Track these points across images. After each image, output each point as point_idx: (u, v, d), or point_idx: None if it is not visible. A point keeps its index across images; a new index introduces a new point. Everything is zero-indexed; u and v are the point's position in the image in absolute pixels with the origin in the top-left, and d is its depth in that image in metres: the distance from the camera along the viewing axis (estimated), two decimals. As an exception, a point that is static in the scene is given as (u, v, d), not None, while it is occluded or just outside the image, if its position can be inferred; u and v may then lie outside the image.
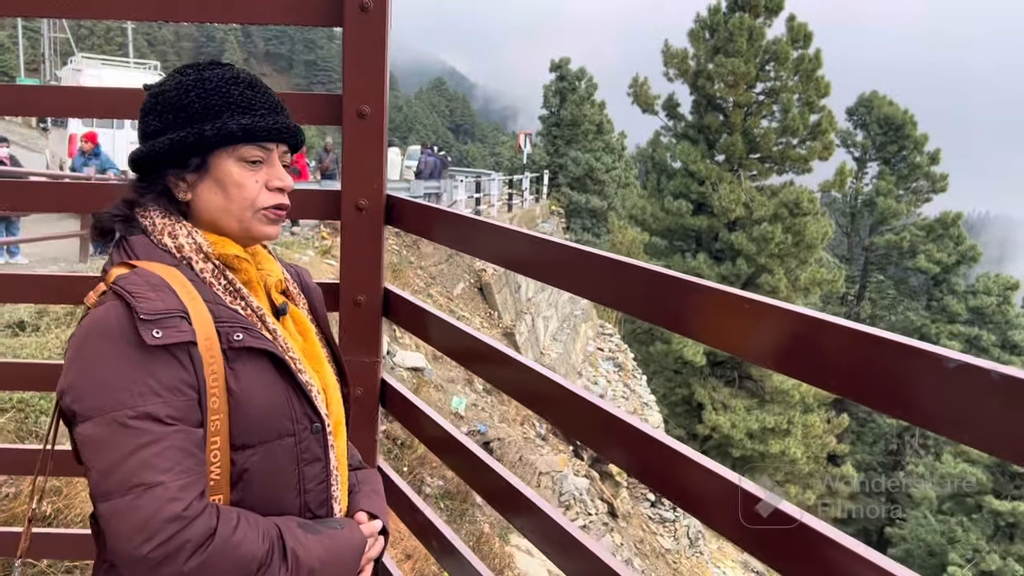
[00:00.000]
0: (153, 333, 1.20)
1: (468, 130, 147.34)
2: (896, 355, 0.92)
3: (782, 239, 26.26)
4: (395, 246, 14.29)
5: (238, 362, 1.29)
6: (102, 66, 21.83)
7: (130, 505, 1.14)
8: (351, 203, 2.08)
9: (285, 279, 1.52)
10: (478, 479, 2.02)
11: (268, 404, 1.31)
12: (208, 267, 1.36)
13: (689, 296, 1.29)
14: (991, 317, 35.75)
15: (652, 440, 1.38)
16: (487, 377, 2.02)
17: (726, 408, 26.66)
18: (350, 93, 2.03)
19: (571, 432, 1.70)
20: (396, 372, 9.32)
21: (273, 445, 1.32)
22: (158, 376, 1.20)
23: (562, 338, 21.01)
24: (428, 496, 7.08)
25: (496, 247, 1.91)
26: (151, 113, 1.38)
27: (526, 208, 25.97)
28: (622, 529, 12.16)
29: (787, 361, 1.09)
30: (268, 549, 1.23)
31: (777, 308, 1.09)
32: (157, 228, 1.36)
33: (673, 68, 29.02)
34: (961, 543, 27.27)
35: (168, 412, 1.19)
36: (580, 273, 1.58)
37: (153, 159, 1.36)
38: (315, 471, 1.39)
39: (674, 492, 1.36)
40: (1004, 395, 0.81)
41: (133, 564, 1.15)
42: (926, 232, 37.15)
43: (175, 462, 1.17)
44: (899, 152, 38.21)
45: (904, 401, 0.92)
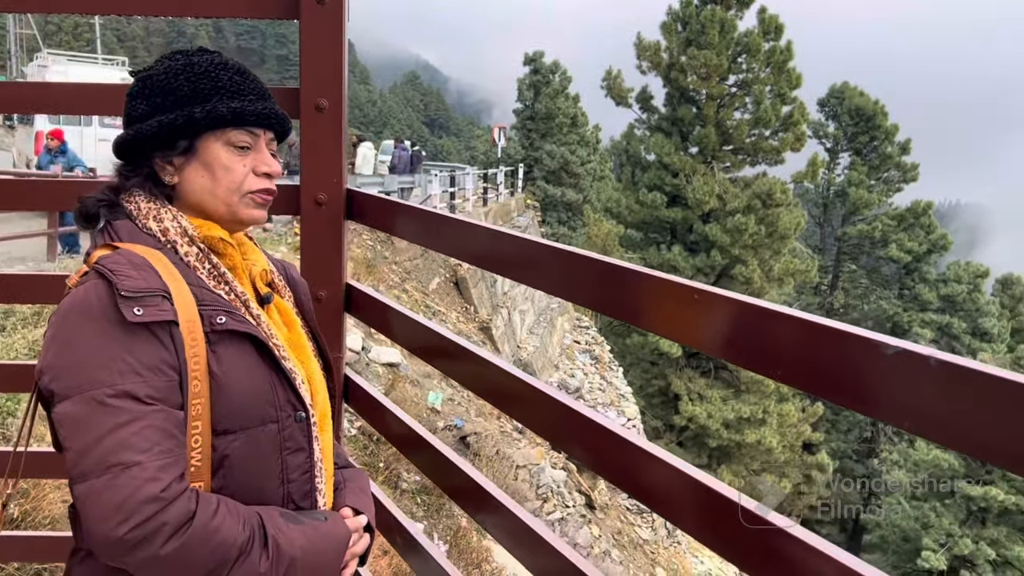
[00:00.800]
0: (134, 310, 1.18)
1: (443, 124, 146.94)
2: (838, 343, 0.93)
3: (755, 230, 26.45)
4: (369, 241, 14.23)
5: (220, 345, 1.27)
6: (68, 62, 21.48)
7: (106, 485, 1.11)
8: (310, 197, 2.06)
9: (271, 271, 1.51)
10: (444, 477, 2.01)
11: (250, 389, 1.29)
12: (193, 251, 1.35)
13: (642, 286, 1.29)
14: (962, 305, 36.24)
15: (616, 437, 1.38)
16: (451, 373, 2.01)
17: (702, 399, 26.85)
18: (307, 86, 2.02)
19: (535, 428, 1.70)
20: (372, 368, 9.28)
21: (255, 431, 1.30)
22: (138, 355, 1.18)
23: (539, 332, 21.04)
24: (405, 491, 7.06)
25: (456, 241, 1.90)
26: (138, 96, 1.37)
27: (501, 202, 25.94)
28: (600, 521, 12.21)
29: (734, 350, 1.09)
30: (248, 536, 1.20)
31: (725, 297, 1.09)
32: (142, 212, 1.35)
33: (646, 61, 29.09)
34: (934, 528, 27.65)
35: (148, 391, 1.17)
36: (537, 266, 1.58)
37: (140, 142, 1.35)
38: (298, 461, 1.37)
39: (637, 488, 1.36)
40: (941, 381, 0.82)
41: (109, 546, 1.12)
42: (897, 221, 37.56)
43: (154, 442, 1.14)
44: (870, 142, 38.59)
45: (847, 388, 0.92)
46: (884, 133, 38.17)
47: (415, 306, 12.88)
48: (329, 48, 2.00)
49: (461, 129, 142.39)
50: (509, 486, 8.88)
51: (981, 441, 0.79)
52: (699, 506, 1.20)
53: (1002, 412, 0.77)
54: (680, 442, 27.51)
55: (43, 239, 10.88)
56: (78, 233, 12.01)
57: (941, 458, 27.62)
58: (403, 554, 2.13)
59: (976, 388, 0.79)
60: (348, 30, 2.06)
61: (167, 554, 1.12)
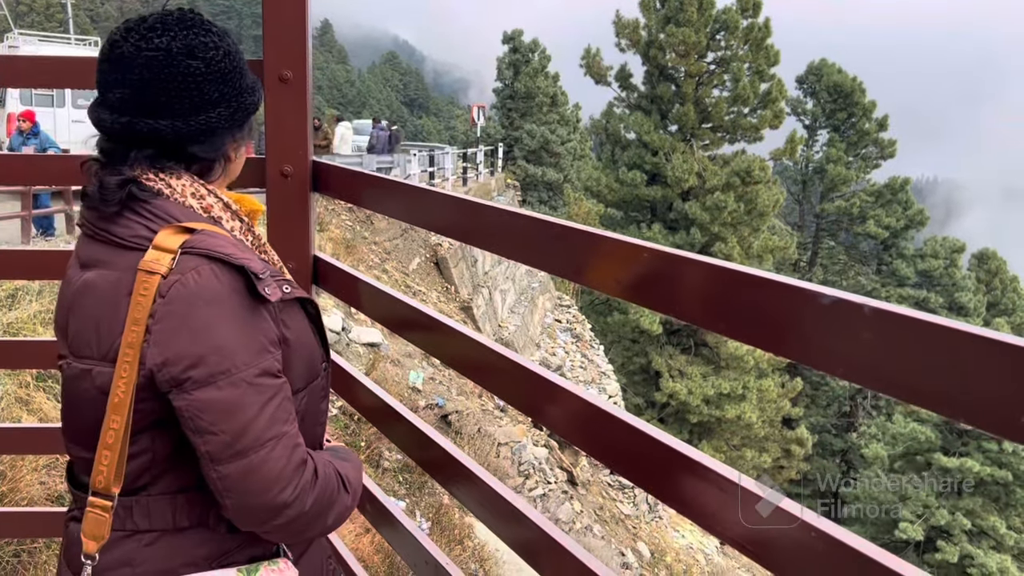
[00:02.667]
0: (265, 291, 1.24)
1: (422, 104, 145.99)
2: (778, 295, 0.95)
3: (735, 207, 26.58)
4: (348, 221, 14.17)
5: (285, 313, 1.32)
6: (40, 43, 21.17)
7: (266, 458, 1.20)
8: (276, 170, 2.05)
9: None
10: (420, 451, 2.02)
11: (310, 350, 1.39)
12: (237, 225, 1.39)
13: (595, 247, 1.31)
14: (939, 280, 36.65)
15: (592, 407, 1.38)
16: (423, 346, 2.02)
17: (683, 375, 27.07)
18: (271, 57, 2.01)
19: (509, 399, 1.71)
20: (352, 348, 9.28)
21: (313, 386, 1.42)
22: (266, 332, 1.25)
23: (520, 311, 21.09)
24: (387, 470, 7.09)
25: (420, 210, 1.91)
26: (210, 81, 1.31)
27: (481, 182, 25.87)
28: (582, 497, 12.32)
29: (682, 307, 1.12)
30: (336, 479, 1.34)
31: (672, 255, 1.12)
32: (177, 191, 1.32)
33: (625, 39, 29.04)
34: (912, 500, 28.10)
35: (277, 367, 1.26)
36: (496, 231, 1.59)
37: (234, 125, 1.37)
38: (325, 405, 1.51)
39: (613, 458, 1.38)
40: (875, 328, 0.84)
41: (268, 512, 1.22)
42: (875, 198, 37.85)
43: (288, 412, 1.26)
44: (848, 119, 38.74)
45: (786, 339, 0.95)
46: (862, 110, 38.34)
47: (395, 286, 12.87)
48: (292, 19, 1.99)
49: (440, 109, 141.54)
50: (491, 464, 8.93)
51: (910, 384, 0.82)
52: (675, 476, 1.22)
53: (928, 354, 0.80)
54: (661, 418, 27.75)
55: (16, 221, 10.77)
56: (52, 216, 11.89)
57: (918, 431, 28.02)
58: (374, 523, 2.15)
59: (905, 332, 0.82)
60: (324, 9, 2.05)
61: (310, 506, 1.26)
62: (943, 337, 0.79)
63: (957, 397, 0.79)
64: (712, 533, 1.14)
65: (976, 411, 0.78)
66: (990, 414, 0.76)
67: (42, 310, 5.65)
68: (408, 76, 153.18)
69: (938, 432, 28.17)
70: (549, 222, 1.42)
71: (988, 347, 0.76)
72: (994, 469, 26.68)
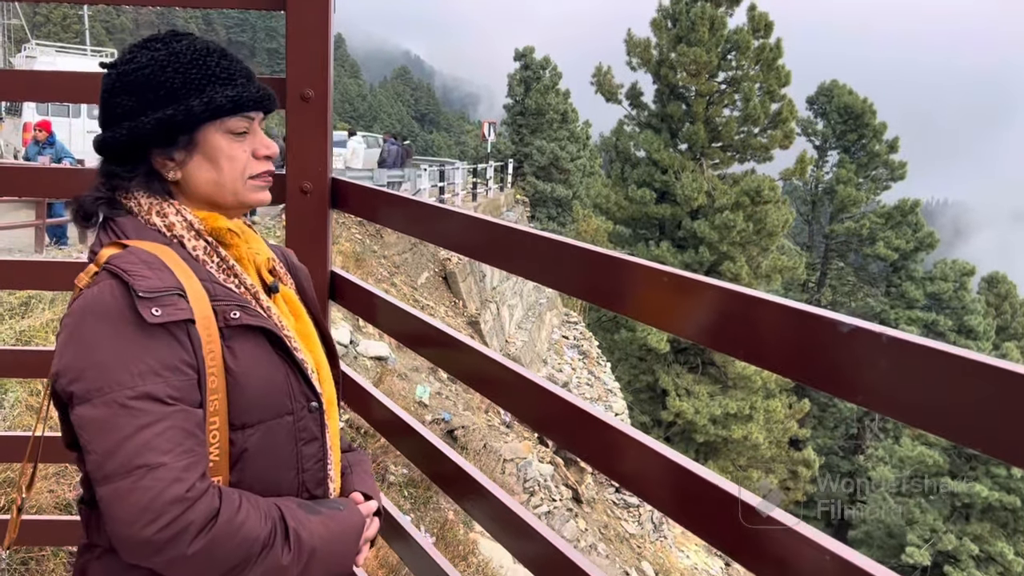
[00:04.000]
0: (152, 311, 1.18)
1: (433, 119, 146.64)
2: (797, 322, 0.96)
3: (744, 227, 26.55)
4: (358, 235, 14.22)
5: (235, 340, 1.27)
6: (57, 54, 21.41)
7: (132, 487, 1.12)
8: (295, 186, 2.08)
9: (273, 259, 1.50)
10: (431, 465, 2.03)
11: (266, 382, 1.30)
12: (200, 244, 1.34)
13: (618, 272, 1.32)
14: (948, 303, 36.48)
15: (599, 422, 1.39)
16: (435, 360, 2.04)
17: (689, 394, 26.96)
18: (293, 76, 2.04)
19: (520, 415, 1.72)
20: (360, 361, 9.30)
21: (272, 424, 1.31)
22: (157, 355, 1.18)
23: (527, 326, 21.08)
24: (392, 484, 7.08)
25: (438, 229, 1.93)
26: (122, 92, 1.32)
27: (491, 197, 25.95)
28: (586, 515, 12.27)
29: (704, 333, 1.13)
30: (271, 530, 1.21)
31: (693, 280, 1.13)
32: (144, 208, 1.33)
33: (636, 57, 29.12)
34: (919, 524, 27.87)
35: (168, 392, 1.17)
36: (520, 253, 1.60)
37: (136, 141, 1.31)
38: (312, 450, 1.38)
39: (619, 473, 1.38)
40: (893, 356, 0.85)
41: (137, 547, 1.13)
42: (885, 219, 37.73)
43: (176, 443, 1.15)
44: (859, 140, 38.73)
45: (804, 366, 0.96)
46: (872, 131, 38.33)
47: (403, 299, 12.89)
48: (315, 38, 2.03)
49: (451, 124, 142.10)
50: (496, 480, 8.91)
51: (929, 413, 0.84)
52: (679, 490, 1.23)
53: (950, 385, 0.81)
54: (668, 437, 27.63)
55: (31, 230, 10.85)
56: (66, 225, 11.98)
57: (926, 454, 27.83)
58: (390, 541, 2.16)
59: (923, 362, 0.83)
60: (335, 22, 2.09)
61: (194, 552, 1.14)
62: (957, 366, 0.81)
63: (971, 425, 0.80)
64: (713, 545, 1.15)
65: (991, 440, 0.79)
66: (1007, 444, 0.77)
67: (54, 318, 5.68)
68: (419, 91, 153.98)
69: (946, 456, 27.99)
70: (567, 243, 1.43)
71: (1004, 377, 0.77)
72: (1002, 494, 26.47)
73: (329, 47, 2.04)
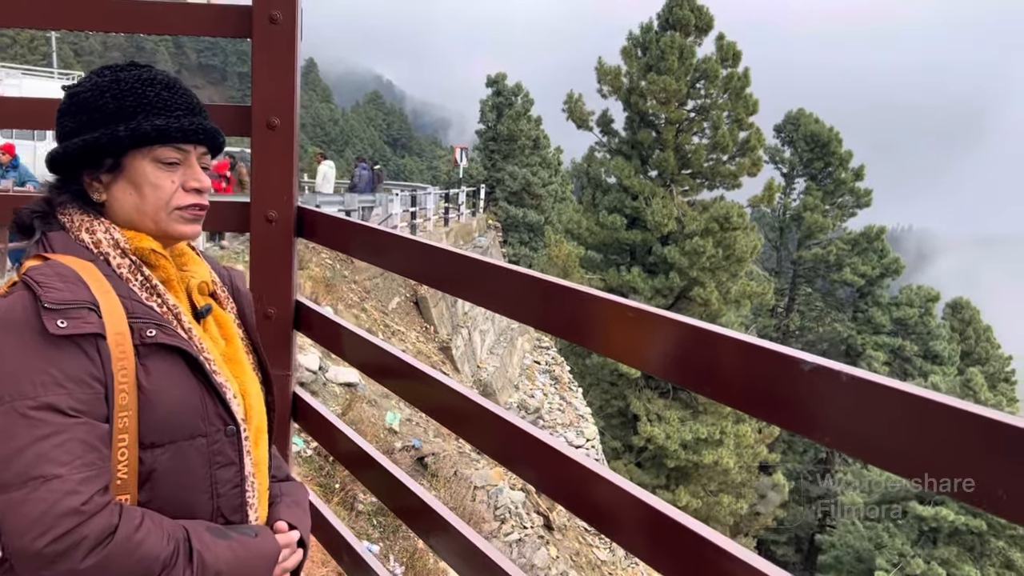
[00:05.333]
0: (57, 323, 1.18)
1: (405, 144, 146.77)
2: (761, 359, 0.96)
3: (713, 253, 26.77)
4: (328, 260, 14.13)
5: (150, 359, 1.27)
6: (23, 76, 21.13)
7: (26, 498, 1.10)
8: (260, 215, 2.06)
9: (214, 282, 1.50)
10: (393, 497, 2.01)
11: (179, 402, 1.29)
12: (125, 263, 1.34)
13: (583, 306, 1.32)
14: (914, 328, 37.04)
15: (564, 458, 1.39)
16: (401, 393, 2.02)
17: (660, 419, 26.99)
18: (259, 104, 2.03)
19: (484, 448, 1.70)
20: (329, 388, 9.19)
21: (184, 445, 1.30)
22: (62, 367, 1.17)
23: (499, 352, 21.02)
24: (360, 513, 6.98)
25: (405, 260, 1.91)
26: (67, 114, 1.37)
27: (463, 222, 25.95)
28: (558, 542, 12.16)
29: (670, 367, 1.13)
30: (173, 550, 1.19)
31: (658, 316, 1.13)
32: (75, 224, 1.35)
33: (607, 85, 29.42)
34: (887, 548, 28.02)
35: (71, 404, 1.16)
36: (482, 285, 1.60)
37: (67, 160, 1.35)
38: (228, 475, 1.36)
39: (584, 508, 1.37)
40: (853, 395, 0.85)
41: (28, 559, 1.11)
42: (851, 246, 38.35)
43: (75, 455, 1.14)
44: (825, 168, 39.39)
45: (769, 404, 0.96)
46: (838, 159, 39.00)
47: (374, 325, 12.81)
48: (281, 67, 2.02)
49: (423, 149, 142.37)
50: (467, 507, 8.82)
51: (886, 451, 0.83)
52: (645, 526, 1.22)
53: (905, 422, 0.81)
54: (639, 463, 27.60)
55: (-8, 255, 10.65)
56: (26, 249, 11.77)
57: (894, 479, 28.05)
58: (349, 572, 2.12)
59: (881, 401, 0.83)
60: (306, 47, 2.08)
61: (87, 568, 1.12)
62: (915, 404, 0.81)
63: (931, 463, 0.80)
64: None
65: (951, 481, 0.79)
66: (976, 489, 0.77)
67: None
68: (391, 116, 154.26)
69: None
70: (537, 278, 1.43)
71: (961, 418, 0.77)
72: (968, 518, 26.71)
73: (295, 75, 2.03)
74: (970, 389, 30.87)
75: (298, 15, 2.02)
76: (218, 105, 2.16)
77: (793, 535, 35.81)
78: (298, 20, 2.02)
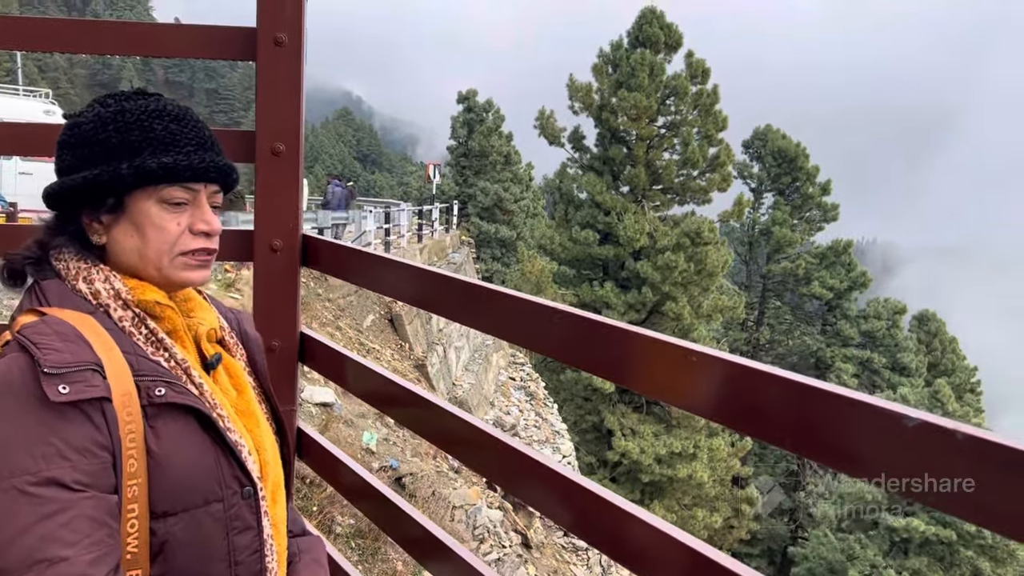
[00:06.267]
0: (59, 389, 1.07)
1: (375, 160, 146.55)
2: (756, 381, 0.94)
3: (685, 267, 26.97)
4: (303, 278, 13.99)
5: (159, 420, 1.17)
6: (-13, 94, 20.79)
7: None
8: (264, 244, 2.00)
9: (222, 328, 1.40)
10: (396, 527, 1.96)
11: (193, 466, 1.19)
12: (127, 315, 1.24)
13: (611, 341, 1.30)
14: (881, 340, 37.56)
15: (563, 479, 1.37)
16: (409, 424, 1.97)
17: (635, 434, 27.04)
18: (264, 130, 1.97)
19: (495, 479, 1.67)
20: (304, 408, 9.08)
21: (199, 512, 1.20)
22: (65, 436, 1.07)
23: (474, 368, 20.94)
24: (339, 536, 6.88)
25: (412, 288, 1.88)
26: (66, 147, 1.27)
27: (436, 239, 25.89)
28: (536, 560, 12.10)
29: (663, 390, 1.11)
30: None
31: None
32: (71, 272, 1.24)
33: (578, 101, 29.62)
34: (860, 559, 28.23)
35: (75, 477, 1.06)
36: (493, 313, 1.57)
37: (65, 197, 1.24)
38: (246, 540, 1.26)
39: (587, 530, 1.37)
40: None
41: None
42: (819, 259, 38.89)
43: (84, 534, 1.04)
44: (792, 183, 39.96)
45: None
46: (806, 174, 39.58)
47: (349, 343, 12.70)
48: (287, 91, 1.97)
49: (393, 165, 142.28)
50: (446, 527, 8.74)
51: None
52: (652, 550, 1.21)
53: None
54: (613, 477, 27.60)
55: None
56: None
57: (865, 490, 28.31)
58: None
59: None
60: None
61: None
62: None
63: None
64: None
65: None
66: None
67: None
68: (361, 132, 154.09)
69: (884, 491, 28.48)
70: (547, 306, 1.41)
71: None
72: (939, 528, 27.03)
73: (301, 100, 1.98)
74: (938, 400, 31.33)
75: (304, 37, 1.98)
76: (221, 130, 2.11)
77: (766, 548, 35.97)
78: (304, 43, 1.98)
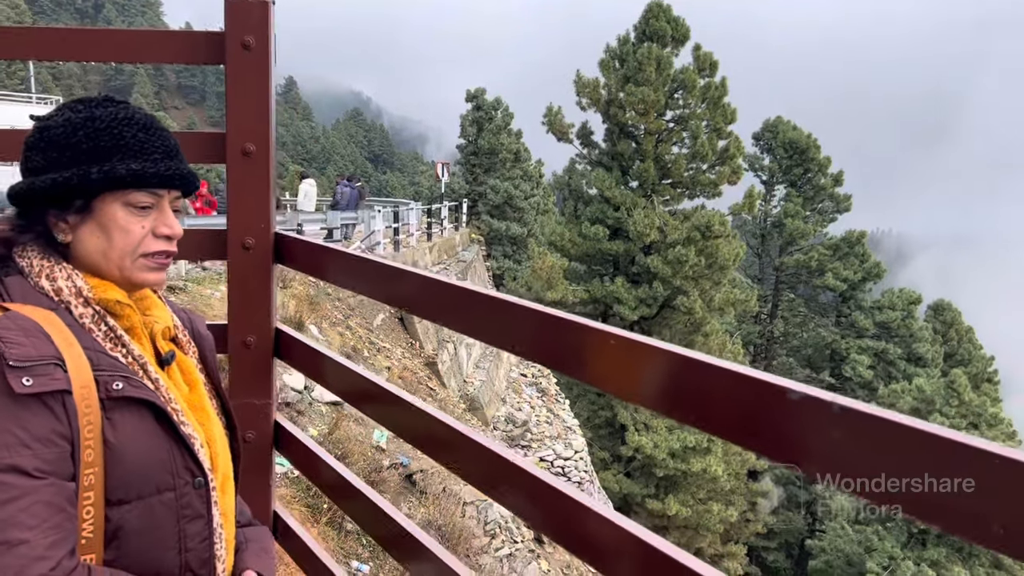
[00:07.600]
0: (23, 381, 1.13)
1: (386, 160, 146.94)
2: (746, 388, 0.95)
3: (696, 261, 26.87)
4: (312, 278, 14.06)
5: (116, 412, 1.23)
6: (0, 102, 21.00)
7: None
8: (237, 242, 2.03)
9: (175, 326, 1.46)
10: (376, 526, 1.98)
11: (147, 457, 1.25)
12: (88, 312, 1.29)
13: (571, 336, 1.30)
14: (897, 331, 37.29)
15: (546, 486, 1.37)
16: (382, 421, 1.99)
17: (648, 429, 26.98)
18: (234, 131, 2.00)
19: (464, 476, 1.68)
20: (315, 407, 9.13)
21: (152, 500, 1.27)
22: (27, 426, 1.13)
23: (485, 366, 20.98)
24: (350, 533, 6.92)
25: (385, 286, 1.89)
26: (35, 148, 1.31)
27: (446, 237, 25.95)
28: (549, 555, 12.12)
29: (655, 399, 1.11)
30: None
31: (638, 343, 1.11)
32: (35, 269, 1.29)
33: (585, 97, 29.54)
34: (878, 552, 28.12)
35: (37, 464, 1.12)
36: (465, 312, 1.58)
37: (33, 197, 1.29)
38: (197, 528, 1.33)
39: (566, 536, 1.36)
40: (844, 426, 0.84)
41: None
42: (832, 251, 38.63)
43: (43, 518, 1.10)
44: (804, 175, 39.70)
45: (755, 433, 0.94)
46: (817, 165, 39.33)
47: (360, 343, 12.75)
48: (255, 93, 1.99)
49: (405, 164, 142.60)
50: (457, 523, 8.77)
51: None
52: (632, 559, 1.21)
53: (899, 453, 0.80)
54: (628, 472, 27.57)
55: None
56: None
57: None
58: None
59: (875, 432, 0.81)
60: (285, 66, 2.06)
61: None
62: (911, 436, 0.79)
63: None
64: None
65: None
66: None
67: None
68: (372, 132, 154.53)
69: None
70: (511, 303, 1.41)
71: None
72: (957, 519, 26.83)
73: (270, 101, 2.01)
74: (954, 390, 31.10)
75: (271, 41, 2.00)
76: (192, 132, 2.14)
77: (783, 541, 35.86)
78: (271, 46, 2.00)
